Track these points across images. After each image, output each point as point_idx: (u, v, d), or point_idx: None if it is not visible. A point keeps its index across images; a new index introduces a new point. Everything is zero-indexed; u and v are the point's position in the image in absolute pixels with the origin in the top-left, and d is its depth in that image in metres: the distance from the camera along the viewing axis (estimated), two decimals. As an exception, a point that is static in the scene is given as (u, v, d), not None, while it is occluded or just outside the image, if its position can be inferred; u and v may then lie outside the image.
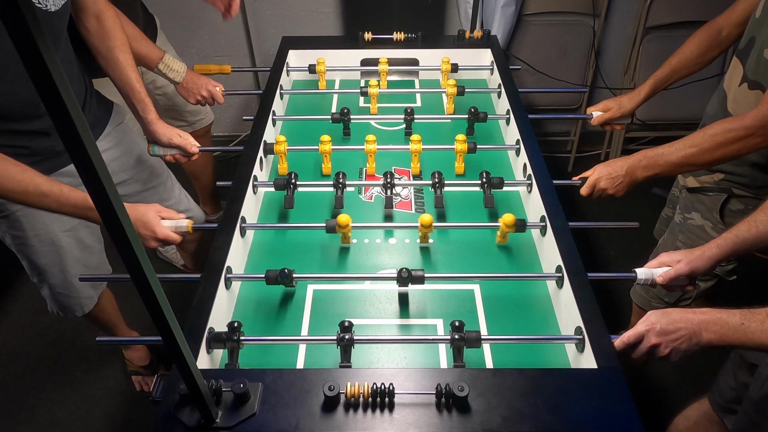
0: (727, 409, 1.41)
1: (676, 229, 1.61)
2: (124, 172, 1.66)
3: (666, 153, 1.33)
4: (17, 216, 1.46)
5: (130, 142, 1.68)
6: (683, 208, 1.57)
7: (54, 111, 0.49)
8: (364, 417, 0.94)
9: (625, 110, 1.67)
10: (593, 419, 0.94)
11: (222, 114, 3.19)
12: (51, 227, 1.51)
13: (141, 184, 1.70)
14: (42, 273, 1.59)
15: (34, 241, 1.51)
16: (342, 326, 1.09)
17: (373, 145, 1.56)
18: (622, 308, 2.29)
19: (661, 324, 1.01)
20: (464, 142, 1.57)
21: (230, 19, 1.75)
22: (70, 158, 0.52)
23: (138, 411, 2.02)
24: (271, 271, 1.22)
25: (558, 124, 3.15)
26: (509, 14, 2.53)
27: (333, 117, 1.73)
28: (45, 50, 0.45)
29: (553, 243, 1.29)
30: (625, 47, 2.77)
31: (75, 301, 1.68)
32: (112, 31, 1.46)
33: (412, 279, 1.20)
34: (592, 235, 2.68)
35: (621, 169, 1.37)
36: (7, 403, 2.04)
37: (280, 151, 1.57)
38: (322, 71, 1.92)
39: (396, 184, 1.50)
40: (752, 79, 1.34)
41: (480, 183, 1.49)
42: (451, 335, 1.08)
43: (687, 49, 1.59)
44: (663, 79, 1.62)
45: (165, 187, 1.79)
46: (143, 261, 0.63)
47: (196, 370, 0.80)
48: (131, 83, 1.49)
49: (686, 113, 2.76)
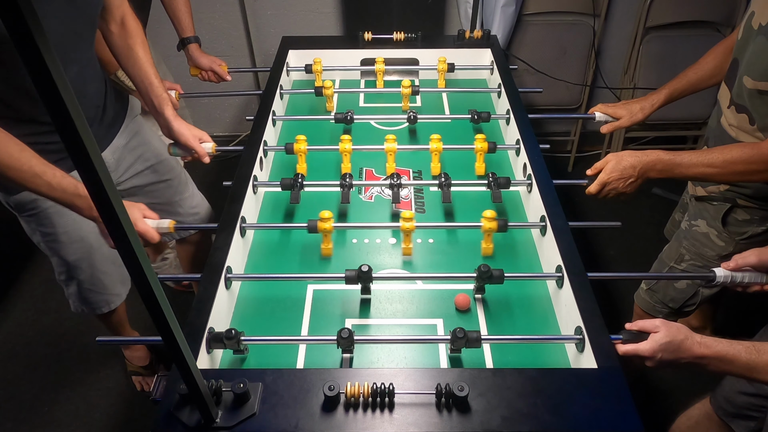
0: (738, 415, 1.41)
1: (681, 235, 1.61)
2: (140, 164, 1.67)
3: (683, 164, 1.33)
4: (48, 213, 1.47)
5: (146, 133, 1.70)
6: (690, 215, 1.57)
7: (56, 116, 0.49)
8: (364, 417, 0.94)
9: (636, 120, 1.65)
10: (593, 419, 0.94)
11: (222, 114, 3.19)
12: (80, 224, 1.52)
13: (157, 176, 1.72)
14: (71, 270, 1.60)
15: (64, 238, 1.53)
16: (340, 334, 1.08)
17: (392, 143, 1.56)
18: (622, 308, 2.30)
19: (663, 354, 1.01)
20: (484, 141, 1.57)
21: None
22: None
23: (138, 411, 2.02)
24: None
25: (558, 124, 3.15)
26: (509, 14, 2.53)
27: (336, 117, 1.73)
28: (45, 51, 0.45)
29: (553, 243, 1.29)
30: (625, 47, 2.77)
31: (102, 297, 1.70)
32: (135, 30, 1.51)
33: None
34: (592, 235, 2.68)
35: (634, 170, 1.36)
36: (7, 403, 2.04)
37: (300, 150, 1.57)
38: (318, 71, 1.93)
39: (404, 184, 1.49)
40: (738, 102, 1.36)
41: (487, 183, 1.48)
42: (452, 334, 1.07)
43: (704, 62, 1.59)
44: (679, 91, 1.62)
45: (179, 180, 1.80)
46: (143, 261, 0.63)
47: (196, 370, 0.80)
48: (150, 78, 1.51)
49: (686, 113, 2.76)
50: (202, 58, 2.02)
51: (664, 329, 1.02)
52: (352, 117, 1.72)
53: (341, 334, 1.07)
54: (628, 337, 1.05)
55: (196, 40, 2.03)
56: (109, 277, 1.68)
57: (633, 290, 2.32)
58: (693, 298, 1.59)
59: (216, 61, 2.03)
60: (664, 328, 1.02)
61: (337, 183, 1.49)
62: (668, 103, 1.64)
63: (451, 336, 1.07)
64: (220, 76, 2.04)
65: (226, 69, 2.04)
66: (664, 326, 1.02)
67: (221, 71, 2.03)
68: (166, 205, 1.77)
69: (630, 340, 1.05)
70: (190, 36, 2.01)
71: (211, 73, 2.05)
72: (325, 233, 1.35)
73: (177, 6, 1.95)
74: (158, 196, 1.74)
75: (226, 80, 2.05)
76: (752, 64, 1.29)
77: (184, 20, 1.98)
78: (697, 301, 1.61)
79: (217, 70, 2.03)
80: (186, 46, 2.02)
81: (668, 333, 1.01)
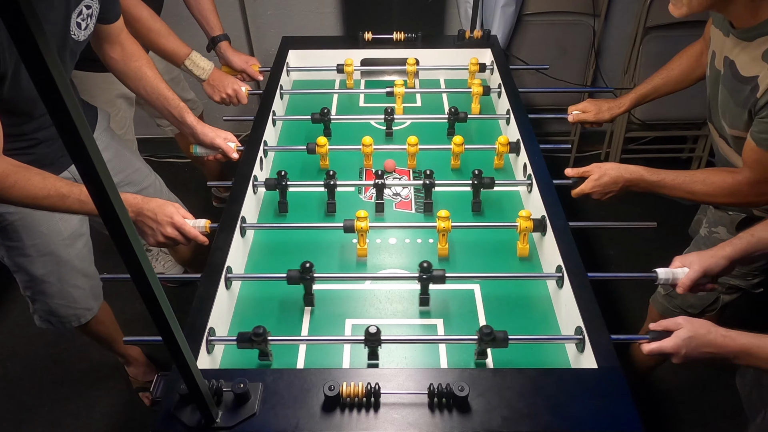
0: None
1: (700, 242, 1.61)
2: (115, 176, 1.63)
3: (665, 187, 1.36)
4: (15, 226, 1.44)
5: (117, 145, 1.68)
6: (710, 222, 1.57)
7: (55, 113, 0.49)
8: (366, 417, 0.94)
9: (601, 118, 1.72)
10: (593, 419, 0.94)
11: (222, 114, 3.18)
12: (49, 238, 1.49)
13: (132, 187, 1.69)
14: (39, 284, 1.56)
15: (32, 251, 1.49)
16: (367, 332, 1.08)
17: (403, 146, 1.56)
18: (623, 308, 2.30)
19: (688, 350, 1.01)
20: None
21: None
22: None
23: (138, 411, 2.02)
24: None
25: (558, 124, 3.15)
26: (509, 14, 2.53)
27: (313, 117, 1.72)
28: (47, 53, 0.45)
29: (553, 243, 1.29)
30: (625, 47, 2.77)
31: (72, 311, 1.65)
32: (136, 51, 1.55)
33: (433, 279, 1.19)
34: (592, 235, 2.68)
35: (615, 185, 1.40)
36: (7, 403, 2.04)
37: (323, 153, 1.59)
38: (350, 72, 1.93)
39: (387, 184, 1.49)
40: (723, 136, 1.38)
41: (471, 183, 1.47)
42: (479, 335, 1.07)
43: (670, 68, 1.64)
44: (645, 95, 1.67)
45: (154, 188, 1.77)
46: (143, 260, 0.63)
47: (196, 370, 0.80)
48: (164, 93, 1.56)
49: (686, 113, 2.76)
50: (235, 57, 1.95)
51: (687, 325, 1.03)
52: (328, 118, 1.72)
53: (369, 331, 1.07)
54: (654, 336, 1.05)
55: (226, 38, 1.96)
56: (80, 290, 1.62)
57: (633, 290, 2.32)
58: (713, 304, 1.59)
59: (250, 60, 1.96)
60: (687, 324, 1.03)
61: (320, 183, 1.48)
62: (636, 106, 1.70)
63: (478, 336, 1.07)
64: (252, 76, 1.97)
65: (257, 68, 1.97)
66: (686, 322, 1.03)
67: (252, 72, 1.96)
68: None
69: (656, 339, 1.05)
70: (220, 34, 1.95)
71: (244, 74, 1.97)
72: (361, 233, 1.34)
73: (203, 5, 1.91)
74: None
75: (257, 80, 2.00)
76: (724, 113, 1.32)
77: (211, 19, 1.93)
78: (717, 306, 1.60)
79: (249, 71, 1.96)
80: (216, 44, 1.96)
81: (691, 328, 1.02)
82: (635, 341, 1.11)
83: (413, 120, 1.84)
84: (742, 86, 1.21)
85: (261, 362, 1.12)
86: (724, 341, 1.00)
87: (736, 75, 1.24)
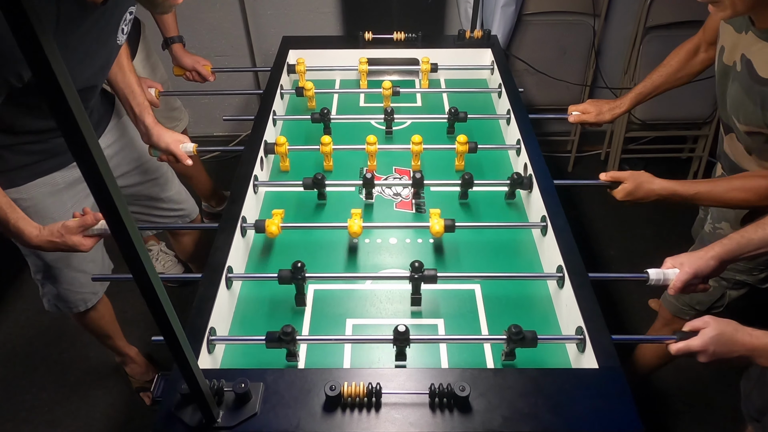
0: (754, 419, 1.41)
1: (705, 238, 1.61)
2: (126, 165, 1.68)
3: (702, 200, 1.36)
4: (28, 213, 1.45)
5: (131, 135, 1.70)
6: (714, 218, 1.57)
7: (58, 114, 0.49)
8: (367, 417, 0.94)
9: (602, 119, 1.71)
10: (594, 419, 0.94)
11: (222, 114, 3.19)
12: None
13: (141, 176, 1.73)
14: (48, 269, 1.59)
15: None
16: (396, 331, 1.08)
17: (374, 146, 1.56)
18: (623, 308, 2.30)
19: (715, 347, 1.01)
20: (465, 144, 1.57)
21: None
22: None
23: (138, 411, 2.02)
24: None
25: (558, 124, 3.15)
26: (509, 14, 2.53)
27: (313, 117, 1.73)
28: (49, 52, 0.45)
29: (553, 243, 1.29)
30: (625, 47, 2.77)
31: (79, 296, 1.68)
32: None
33: (425, 278, 1.19)
34: (592, 235, 2.68)
35: (646, 198, 1.39)
36: (7, 403, 2.04)
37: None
38: (302, 71, 1.94)
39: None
40: (725, 122, 1.37)
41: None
42: (507, 335, 1.07)
43: (668, 64, 1.63)
44: (645, 94, 1.66)
45: (165, 178, 1.81)
46: (145, 260, 0.63)
47: (197, 369, 0.80)
48: (132, 86, 1.54)
49: (686, 113, 2.76)
50: (185, 57, 2.03)
51: (714, 323, 1.03)
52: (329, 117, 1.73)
53: (398, 329, 1.07)
54: (681, 336, 1.05)
55: (180, 40, 2.03)
56: (87, 276, 1.65)
57: (633, 290, 2.32)
58: (720, 300, 1.59)
59: (200, 61, 2.04)
60: (714, 323, 1.03)
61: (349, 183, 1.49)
62: (636, 105, 1.69)
63: (507, 335, 1.06)
64: (203, 76, 2.04)
65: (209, 69, 2.05)
66: (713, 321, 1.03)
67: (204, 72, 2.04)
68: (149, 201, 1.78)
69: (683, 338, 1.05)
70: (174, 36, 2.02)
71: (194, 74, 2.05)
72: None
73: None
74: (142, 192, 1.75)
75: (209, 80, 2.06)
76: (736, 109, 1.30)
77: (167, 20, 2.00)
78: (724, 303, 1.60)
79: (201, 70, 2.03)
80: (170, 45, 2.03)
81: (717, 326, 1.02)
82: (662, 341, 1.11)
83: (413, 120, 1.85)
84: (759, 87, 1.20)
85: (288, 362, 1.12)
86: (750, 340, 1.00)
87: (752, 74, 1.22)
